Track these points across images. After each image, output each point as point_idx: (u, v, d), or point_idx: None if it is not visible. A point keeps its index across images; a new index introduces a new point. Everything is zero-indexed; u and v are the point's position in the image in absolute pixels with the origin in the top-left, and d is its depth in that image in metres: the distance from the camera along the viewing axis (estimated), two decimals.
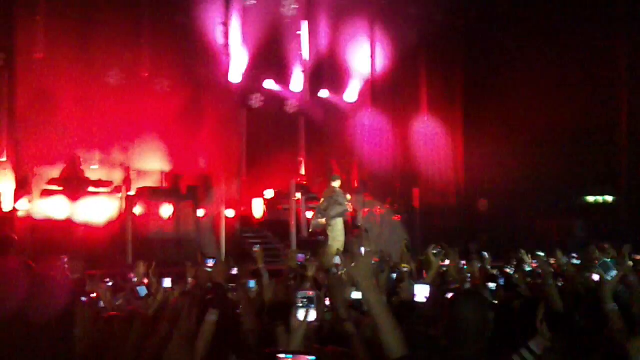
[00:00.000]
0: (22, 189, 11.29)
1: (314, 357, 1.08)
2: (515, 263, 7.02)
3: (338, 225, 10.72)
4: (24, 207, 11.07)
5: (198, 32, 14.28)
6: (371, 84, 16.94)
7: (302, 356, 1.09)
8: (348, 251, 2.14)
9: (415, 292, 3.83)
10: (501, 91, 15.32)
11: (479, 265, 6.83)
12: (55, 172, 12.25)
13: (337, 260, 6.33)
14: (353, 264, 2.16)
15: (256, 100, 15.34)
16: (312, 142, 16.22)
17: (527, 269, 6.55)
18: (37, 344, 2.71)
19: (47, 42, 12.51)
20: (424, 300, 3.75)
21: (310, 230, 12.44)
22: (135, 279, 5.67)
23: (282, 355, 1.11)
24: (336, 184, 11.07)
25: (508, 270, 6.45)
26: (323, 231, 11.21)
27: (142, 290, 4.52)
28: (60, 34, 12.60)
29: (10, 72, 12.18)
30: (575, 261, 6.91)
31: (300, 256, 6.74)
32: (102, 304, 4.61)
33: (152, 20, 13.85)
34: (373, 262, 5.08)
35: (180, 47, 14.10)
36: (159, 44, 13.84)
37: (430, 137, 17.07)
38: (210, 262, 3.35)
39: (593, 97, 14.75)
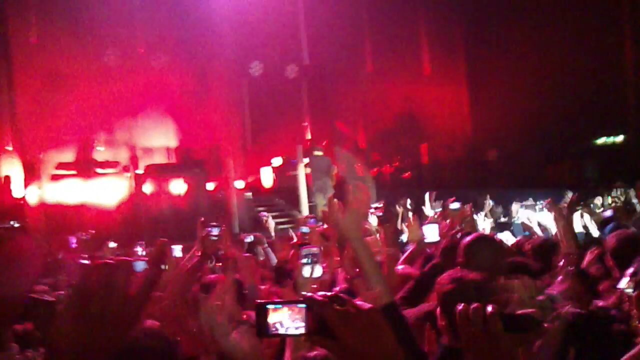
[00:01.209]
0: (31, 175, 11.32)
1: (303, 305, 1.04)
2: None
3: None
4: (34, 193, 11.11)
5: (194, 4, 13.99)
6: (372, 44, 16.65)
7: (291, 305, 1.06)
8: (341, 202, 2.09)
9: (426, 233, 3.79)
10: (505, 39, 15.03)
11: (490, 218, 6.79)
12: (63, 156, 12.28)
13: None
14: (343, 216, 2.12)
15: (256, 69, 15.16)
16: (316, 106, 16.05)
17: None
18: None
19: (40, 26, 12.39)
20: (436, 240, 3.71)
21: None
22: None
23: (271, 306, 1.09)
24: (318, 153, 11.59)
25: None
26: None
27: (139, 265, 4.49)
28: (52, 16, 12.45)
29: (6, 60, 12.11)
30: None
31: (312, 221, 6.66)
32: None
33: None
34: (380, 214, 5.09)
35: (177, 20, 13.86)
36: (155, 18, 13.63)
37: (436, 91, 16.84)
38: (215, 231, 3.31)
39: (598, 38, 14.46)
